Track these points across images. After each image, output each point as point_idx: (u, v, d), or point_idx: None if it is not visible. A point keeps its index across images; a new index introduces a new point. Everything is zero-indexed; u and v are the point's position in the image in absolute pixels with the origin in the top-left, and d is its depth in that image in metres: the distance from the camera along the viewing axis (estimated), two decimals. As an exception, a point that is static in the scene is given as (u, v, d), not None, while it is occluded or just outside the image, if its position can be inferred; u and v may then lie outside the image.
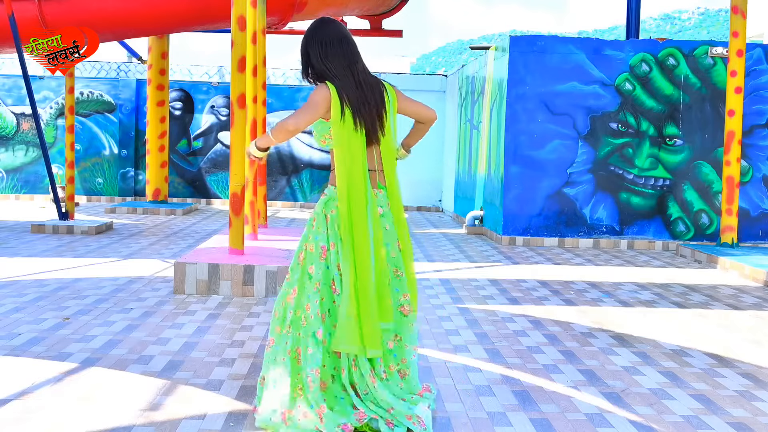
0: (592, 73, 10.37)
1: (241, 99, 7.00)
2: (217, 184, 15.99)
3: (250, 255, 6.92)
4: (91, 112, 15.91)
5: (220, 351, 4.69)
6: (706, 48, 10.48)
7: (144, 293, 6.42)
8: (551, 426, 3.58)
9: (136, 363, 4.39)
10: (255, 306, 6.04)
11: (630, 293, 7.09)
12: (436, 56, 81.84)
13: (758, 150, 10.53)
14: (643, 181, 10.48)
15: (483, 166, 11.66)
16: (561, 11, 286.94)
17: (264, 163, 3.49)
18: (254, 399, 3.78)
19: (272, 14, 10.86)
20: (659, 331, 5.60)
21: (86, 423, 3.45)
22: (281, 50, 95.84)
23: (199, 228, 11.52)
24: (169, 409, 3.65)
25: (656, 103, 10.44)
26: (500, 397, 3.98)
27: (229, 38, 9.25)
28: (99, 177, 15.93)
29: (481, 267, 8.39)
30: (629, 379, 4.37)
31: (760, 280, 7.76)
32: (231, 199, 6.91)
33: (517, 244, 10.35)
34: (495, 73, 11.10)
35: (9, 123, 15.87)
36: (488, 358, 4.70)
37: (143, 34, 11.73)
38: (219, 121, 16.00)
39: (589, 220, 10.44)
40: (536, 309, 6.23)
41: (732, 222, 9.47)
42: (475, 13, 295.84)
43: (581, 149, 10.41)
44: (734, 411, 3.88)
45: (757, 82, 10.47)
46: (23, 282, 6.76)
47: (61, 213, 10.50)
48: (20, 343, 4.76)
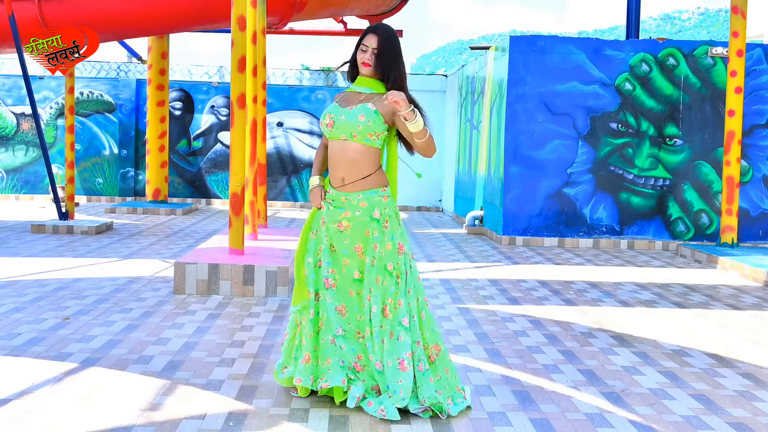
0: (592, 73, 10.37)
1: (241, 99, 7.00)
2: (217, 184, 15.99)
3: (250, 255, 6.92)
4: (91, 112, 15.90)
5: (220, 351, 4.69)
6: (706, 48, 10.48)
7: (144, 293, 6.42)
8: (551, 426, 3.58)
9: (136, 363, 4.39)
10: (255, 306, 6.04)
11: (630, 293, 7.09)
12: (436, 56, 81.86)
13: (758, 150, 10.53)
14: (643, 181, 10.48)
15: (483, 166, 11.66)
16: (561, 11, 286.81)
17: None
18: (256, 395, 3.77)
19: (272, 14, 10.86)
20: (659, 331, 5.60)
21: (86, 423, 3.45)
22: (281, 50, 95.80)
23: (199, 228, 11.52)
24: (169, 409, 3.65)
25: (656, 103, 10.44)
26: (500, 397, 3.98)
27: (229, 38, 9.25)
28: (99, 177, 15.93)
29: (481, 267, 8.39)
30: (629, 379, 4.37)
31: (760, 280, 7.76)
32: (231, 199, 6.91)
33: (517, 244, 10.35)
34: (495, 73, 11.10)
35: (9, 123, 15.87)
36: (488, 358, 4.70)
37: (143, 34, 11.73)
38: (219, 121, 16.00)
39: (589, 220, 10.44)
40: (536, 309, 6.23)
41: (732, 222, 9.47)
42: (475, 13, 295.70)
43: (581, 149, 10.41)
44: (734, 411, 3.88)
45: (757, 82, 10.46)
46: (23, 282, 6.76)
47: (61, 213, 10.50)
48: (20, 343, 4.76)
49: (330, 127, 3.80)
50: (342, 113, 3.78)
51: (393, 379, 3.62)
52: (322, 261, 3.82)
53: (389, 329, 3.67)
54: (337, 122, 3.78)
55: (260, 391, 3.95)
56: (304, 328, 3.80)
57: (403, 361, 3.62)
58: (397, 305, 3.68)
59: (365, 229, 3.75)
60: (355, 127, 3.73)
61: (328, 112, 3.83)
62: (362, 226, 3.76)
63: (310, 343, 3.77)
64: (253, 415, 3.62)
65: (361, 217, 3.76)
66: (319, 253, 3.83)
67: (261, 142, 9.05)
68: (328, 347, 3.76)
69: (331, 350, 3.76)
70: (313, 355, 3.77)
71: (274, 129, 15.83)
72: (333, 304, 3.78)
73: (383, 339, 3.67)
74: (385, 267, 3.70)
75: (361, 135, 3.74)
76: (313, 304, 3.79)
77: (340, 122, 3.77)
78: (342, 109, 3.80)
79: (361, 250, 3.76)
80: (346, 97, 3.87)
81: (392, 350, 3.64)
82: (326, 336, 3.78)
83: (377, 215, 3.75)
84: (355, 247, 3.77)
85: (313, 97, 15.92)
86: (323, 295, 3.80)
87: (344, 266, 3.79)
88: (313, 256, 3.83)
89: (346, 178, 3.78)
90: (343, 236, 3.79)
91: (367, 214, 3.75)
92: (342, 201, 3.79)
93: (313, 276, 3.81)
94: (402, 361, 3.62)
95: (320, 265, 3.83)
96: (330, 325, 3.77)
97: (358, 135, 3.74)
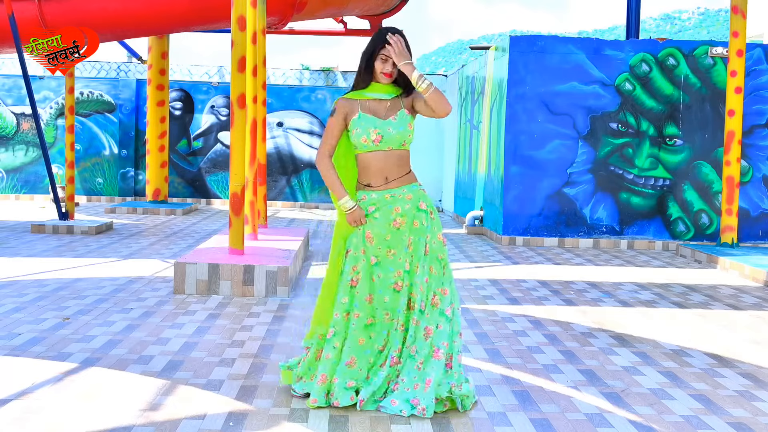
0: (592, 73, 10.37)
1: (241, 99, 6.99)
2: (217, 184, 15.99)
3: (250, 255, 6.92)
4: (91, 112, 15.90)
5: (220, 351, 4.69)
6: (706, 48, 10.48)
7: (144, 293, 6.42)
8: (551, 426, 3.58)
9: (136, 363, 4.39)
10: (255, 306, 6.04)
11: (630, 293, 7.09)
12: (436, 56, 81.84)
13: (758, 150, 10.53)
14: (643, 181, 10.48)
15: (483, 166, 11.67)
16: (561, 11, 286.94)
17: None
18: (256, 395, 3.77)
19: (272, 14, 10.86)
20: (659, 331, 5.60)
21: (86, 423, 3.45)
22: (281, 50, 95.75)
23: (199, 228, 11.52)
24: (169, 409, 3.65)
25: (656, 103, 10.44)
26: (500, 397, 3.98)
27: (229, 38, 9.25)
28: (99, 177, 15.93)
29: (481, 267, 8.39)
30: (629, 379, 4.37)
31: (760, 280, 7.76)
32: (231, 199, 6.91)
33: (517, 244, 10.35)
34: (495, 73, 11.10)
35: (9, 123, 15.87)
36: (488, 358, 4.70)
37: (143, 34, 11.73)
38: (219, 121, 16.00)
39: (589, 220, 10.44)
40: (536, 309, 6.23)
41: (732, 222, 9.47)
42: (475, 13, 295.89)
43: (581, 149, 10.41)
44: (734, 411, 3.88)
45: (757, 82, 10.47)
46: (23, 282, 6.76)
47: (61, 213, 10.50)
48: (20, 343, 4.76)
49: (377, 143, 3.80)
50: (389, 126, 3.80)
51: (428, 366, 3.67)
52: (358, 278, 3.81)
53: (433, 319, 3.73)
54: (386, 136, 3.80)
55: (260, 391, 3.95)
56: (323, 344, 3.82)
57: (439, 350, 3.70)
58: (443, 295, 3.78)
59: (414, 220, 3.83)
60: (406, 136, 3.84)
61: (372, 126, 3.79)
62: (412, 218, 3.83)
63: (329, 365, 3.75)
64: (253, 415, 3.62)
65: (410, 209, 3.83)
66: (354, 272, 3.81)
67: (261, 142, 9.05)
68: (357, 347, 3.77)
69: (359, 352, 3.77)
70: (330, 375, 3.75)
71: (274, 129, 15.83)
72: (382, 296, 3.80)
73: (426, 327, 3.72)
74: (437, 257, 3.80)
75: (408, 141, 3.87)
76: (342, 325, 3.78)
77: (390, 135, 3.80)
78: (385, 121, 3.81)
79: (411, 241, 3.81)
80: (370, 106, 3.84)
81: (432, 339, 3.71)
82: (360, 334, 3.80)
83: (424, 206, 3.85)
84: (407, 241, 3.82)
85: (313, 97, 15.92)
86: (359, 311, 3.79)
87: (408, 260, 3.80)
88: (348, 275, 3.81)
89: (389, 177, 3.83)
90: (401, 233, 3.82)
91: (415, 205, 3.84)
92: (386, 198, 3.83)
93: (344, 298, 3.79)
94: (437, 350, 3.70)
95: (354, 285, 3.82)
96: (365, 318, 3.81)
97: (407, 142, 3.87)
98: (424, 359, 3.69)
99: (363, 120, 3.80)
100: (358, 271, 3.81)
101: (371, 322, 3.80)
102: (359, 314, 3.77)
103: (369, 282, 3.80)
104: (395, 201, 3.82)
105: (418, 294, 3.73)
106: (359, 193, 3.87)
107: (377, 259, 3.81)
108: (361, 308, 3.78)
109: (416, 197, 3.84)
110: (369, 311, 3.80)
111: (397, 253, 3.81)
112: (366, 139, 3.79)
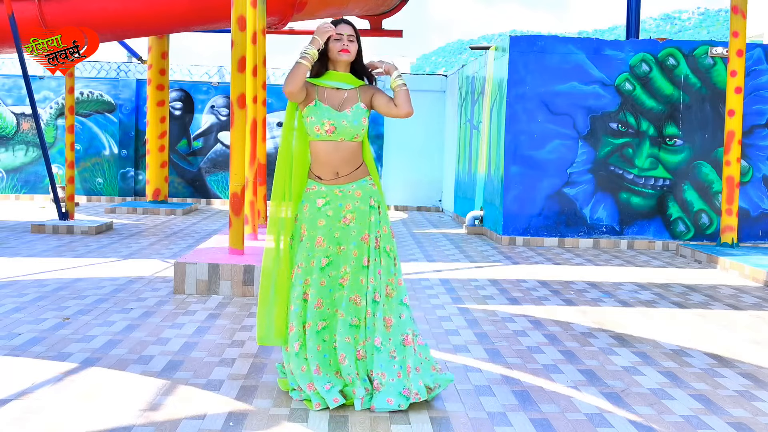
0: (592, 73, 10.37)
1: (241, 99, 7.00)
2: (217, 184, 15.99)
3: (250, 255, 6.92)
4: (91, 112, 15.90)
5: (220, 351, 4.69)
6: (706, 48, 10.48)
7: (144, 293, 6.42)
8: (551, 426, 3.58)
9: (136, 363, 4.39)
10: (255, 306, 6.04)
11: (630, 293, 7.09)
12: (436, 56, 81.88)
13: (758, 150, 10.53)
14: (643, 181, 10.48)
15: (483, 166, 11.66)
16: (561, 11, 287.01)
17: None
18: (256, 395, 3.77)
19: (272, 14, 10.86)
20: (659, 331, 5.60)
21: (86, 423, 3.45)
22: (281, 50, 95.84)
23: (199, 228, 11.52)
24: (169, 409, 3.65)
25: (656, 103, 10.44)
26: (500, 397, 3.98)
27: (229, 38, 9.25)
28: (99, 177, 15.93)
29: (481, 267, 8.39)
30: (629, 379, 4.37)
31: (760, 280, 7.76)
32: (231, 199, 6.91)
33: (517, 244, 10.35)
34: (495, 73, 11.10)
35: (9, 123, 15.87)
36: (488, 358, 4.70)
37: (143, 34, 11.73)
38: (219, 121, 16.00)
39: (589, 220, 10.44)
40: (536, 309, 6.23)
41: (732, 222, 9.47)
42: (475, 13, 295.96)
43: (581, 149, 10.41)
44: (734, 411, 3.88)
45: (757, 82, 10.46)
46: (23, 282, 6.76)
47: (61, 213, 10.50)
48: (20, 343, 4.76)
49: (330, 133, 3.82)
50: (343, 118, 3.82)
51: (402, 353, 3.72)
52: (310, 291, 3.81)
53: (392, 308, 3.79)
54: (339, 128, 3.82)
55: (260, 391, 3.95)
56: (293, 359, 3.80)
57: (407, 336, 3.77)
58: (397, 285, 3.85)
59: (368, 216, 3.86)
60: (359, 130, 3.86)
61: (326, 117, 3.80)
62: (364, 214, 3.86)
63: (308, 376, 3.77)
64: (253, 415, 3.62)
65: (361, 206, 3.86)
66: (306, 285, 3.82)
67: (261, 142, 9.06)
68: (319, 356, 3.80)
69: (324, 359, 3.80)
70: (313, 383, 3.75)
71: (274, 129, 15.83)
72: (346, 297, 3.80)
73: (384, 318, 3.76)
74: (384, 249, 3.86)
75: (361, 135, 3.88)
76: (298, 337, 3.80)
77: (343, 128, 3.82)
78: (340, 113, 3.82)
79: (368, 237, 3.85)
80: (327, 96, 3.85)
81: (396, 328, 3.77)
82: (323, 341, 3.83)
83: (373, 203, 3.89)
84: (362, 237, 3.84)
85: (313, 97, 15.90)
86: (314, 321, 3.80)
87: (354, 258, 3.82)
88: (301, 286, 3.82)
89: (340, 172, 3.87)
90: (350, 229, 3.84)
91: (365, 202, 3.87)
92: (336, 194, 3.85)
93: (298, 310, 3.80)
94: (406, 337, 3.77)
95: (306, 298, 3.82)
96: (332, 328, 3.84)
97: (360, 136, 3.88)
98: (395, 348, 3.74)
99: (318, 109, 3.82)
100: (309, 284, 3.82)
101: (322, 326, 3.81)
102: (311, 323, 3.79)
103: (318, 288, 3.81)
104: (345, 198, 3.85)
105: (370, 286, 3.77)
106: (310, 182, 3.90)
107: (329, 260, 3.83)
108: (312, 317, 3.80)
109: (365, 194, 3.87)
110: (318, 316, 3.81)
111: (347, 249, 3.84)
112: (319, 129, 3.82)
